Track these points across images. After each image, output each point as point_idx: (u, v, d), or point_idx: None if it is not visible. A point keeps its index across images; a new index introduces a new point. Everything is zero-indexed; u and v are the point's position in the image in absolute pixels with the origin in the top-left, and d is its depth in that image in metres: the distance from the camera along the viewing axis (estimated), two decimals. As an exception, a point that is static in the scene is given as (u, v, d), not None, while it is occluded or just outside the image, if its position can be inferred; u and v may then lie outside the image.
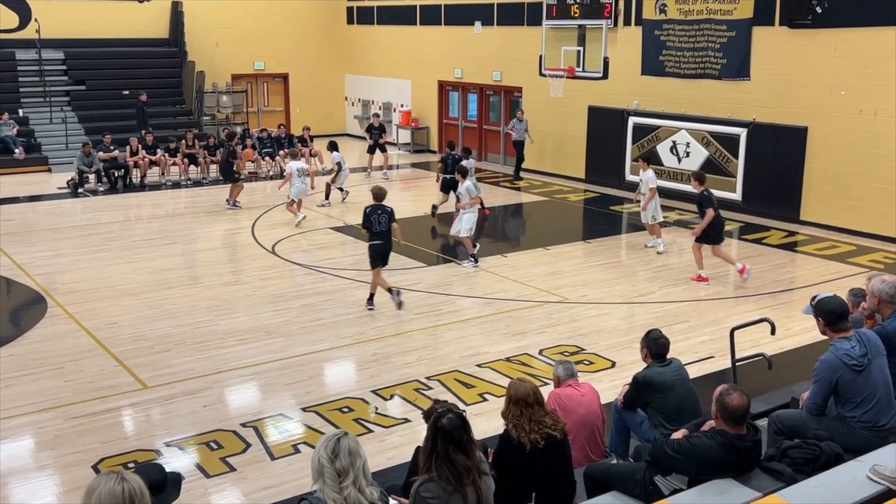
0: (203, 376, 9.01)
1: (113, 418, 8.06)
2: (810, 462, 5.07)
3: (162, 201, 18.79)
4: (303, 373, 9.14)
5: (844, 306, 5.73)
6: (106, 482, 3.12)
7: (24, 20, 23.73)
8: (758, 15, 16.33)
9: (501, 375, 8.95)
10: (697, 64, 17.54)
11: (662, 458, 5.05)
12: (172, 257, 13.98)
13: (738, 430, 4.84)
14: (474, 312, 11.12)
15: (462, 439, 4.38)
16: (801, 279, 12.78)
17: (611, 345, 9.92)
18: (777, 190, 16.39)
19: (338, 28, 28.25)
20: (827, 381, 5.54)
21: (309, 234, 15.34)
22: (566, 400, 6.07)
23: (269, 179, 21.03)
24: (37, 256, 13.65)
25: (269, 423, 7.95)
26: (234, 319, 10.84)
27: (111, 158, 19.65)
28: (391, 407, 8.32)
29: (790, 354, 9.46)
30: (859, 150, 15.02)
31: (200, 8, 25.58)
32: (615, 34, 18.83)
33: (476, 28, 23.06)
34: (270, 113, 27.57)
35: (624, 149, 19.09)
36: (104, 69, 24.23)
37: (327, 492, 3.74)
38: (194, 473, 7.01)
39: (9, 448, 7.51)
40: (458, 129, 24.45)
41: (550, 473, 5.14)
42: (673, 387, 6.14)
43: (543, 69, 19.22)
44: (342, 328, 10.49)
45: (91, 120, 22.87)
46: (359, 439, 3.91)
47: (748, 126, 16.72)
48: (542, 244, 14.81)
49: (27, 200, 18.52)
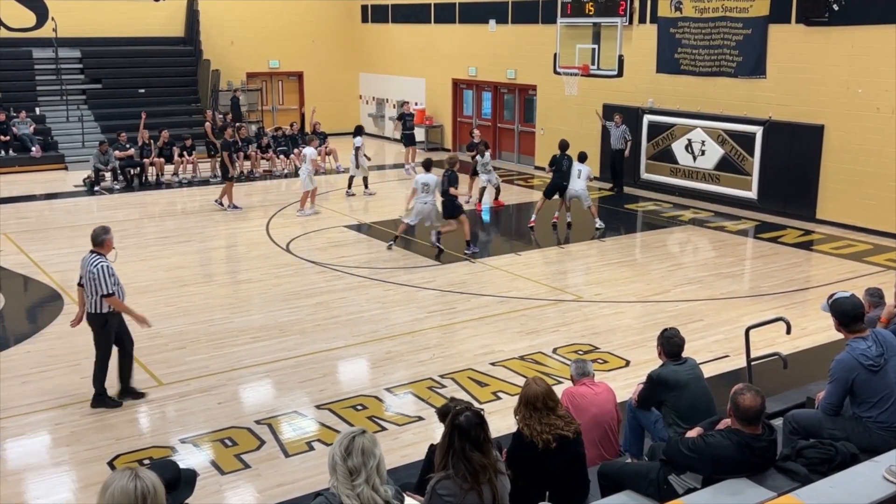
0: (218, 374, 9.05)
1: (128, 415, 8.10)
2: (826, 462, 5.04)
3: (177, 199, 18.87)
4: (317, 370, 9.16)
5: (859, 307, 5.69)
6: (120, 479, 3.11)
7: (41, 19, 23.90)
8: (774, 12, 16.23)
9: (515, 374, 8.95)
10: (713, 62, 17.46)
11: (677, 457, 5.03)
12: (187, 255, 14.04)
13: (754, 430, 4.82)
14: (488, 311, 11.12)
15: (479, 438, 4.38)
16: (816, 278, 12.71)
17: (625, 343, 9.89)
18: (793, 188, 16.30)
19: (352, 26, 28.29)
20: (843, 381, 5.51)
21: (323, 232, 15.37)
22: (579, 399, 6.06)
23: (283, 178, 21.08)
24: (53, 254, 13.74)
25: (284, 421, 7.97)
26: (249, 317, 10.88)
27: (127, 156, 19.76)
28: (405, 405, 8.33)
29: (805, 354, 9.41)
30: (876, 149, 14.91)
31: (216, 7, 25.68)
32: (630, 32, 18.77)
33: (490, 26, 23.04)
34: (285, 111, 27.65)
35: (639, 147, 19.02)
36: (120, 68, 24.39)
37: (340, 489, 3.75)
38: (209, 470, 7.04)
39: (25, 444, 7.57)
40: (471, 128, 24.40)
41: (564, 472, 5.13)
42: (687, 385, 6.12)
43: (558, 67, 19.16)
44: (356, 326, 10.51)
45: (107, 118, 23.00)
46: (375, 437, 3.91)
47: (764, 124, 16.63)
48: (555, 242, 14.79)
49: (44, 198, 18.65)
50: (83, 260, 8.15)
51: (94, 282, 7.94)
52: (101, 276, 7.93)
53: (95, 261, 8.01)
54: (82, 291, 8.19)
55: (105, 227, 8.24)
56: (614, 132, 18.60)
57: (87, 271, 8.01)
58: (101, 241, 8.11)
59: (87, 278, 8.01)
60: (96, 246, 8.12)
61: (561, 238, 15.11)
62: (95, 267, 7.94)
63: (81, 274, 8.17)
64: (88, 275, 7.98)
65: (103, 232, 8.16)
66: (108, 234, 8.21)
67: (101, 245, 8.11)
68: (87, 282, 8.01)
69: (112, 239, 8.25)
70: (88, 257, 8.09)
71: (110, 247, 8.21)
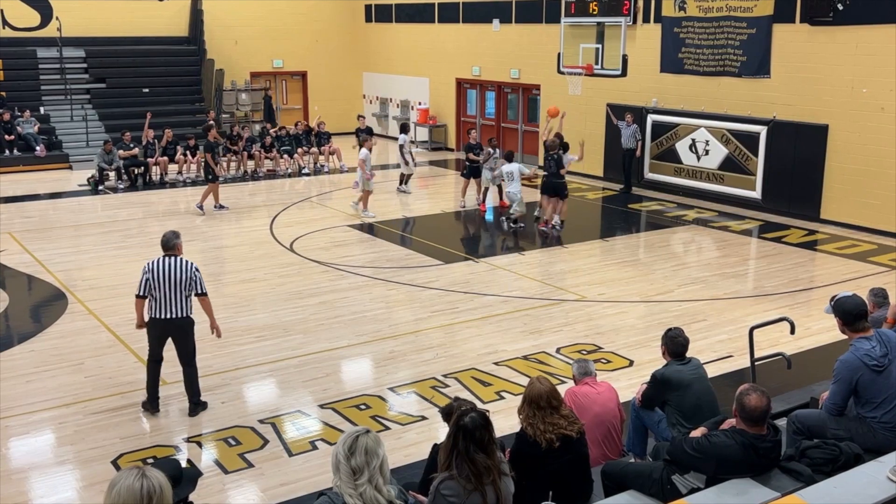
0: (221, 373, 9.06)
1: (132, 414, 8.11)
2: (830, 462, 5.03)
3: (181, 198, 18.89)
4: (320, 370, 9.17)
5: (862, 306, 5.68)
6: (126, 478, 3.09)
7: (45, 18, 23.95)
8: (778, 12, 16.21)
9: (518, 374, 8.95)
10: (717, 61, 17.44)
11: (681, 456, 5.03)
12: (191, 254, 13.87)
13: (758, 430, 4.81)
14: (491, 310, 11.12)
15: (483, 439, 4.38)
16: (820, 278, 12.69)
17: (628, 343, 9.88)
18: (797, 188, 16.28)
19: (356, 26, 28.29)
20: (847, 381, 5.49)
21: (327, 231, 15.38)
22: (581, 398, 6.06)
23: (287, 177, 21.09)
24: (57, 253, 13.76)
25: (287, 420, 7.98)
26: (252, 316, 10.89)
27: (131, 156, 19.78)
28: (407, 404, 8.33)
29: (810, 354, 9.40)
30: (881, 148, 14.88)
31: (219, 6, 25.72)
32: (634, 31, 18.75)
33: (494, 26, 23.03)
34: (288, 111, 27.66)
35: (643, 147, 18.98)
36: (124, 67, 24.41)
37: (343, 488, 3.76)
38: (212, 469, 7.05)
39: (29, 443, 7.58)
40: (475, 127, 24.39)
41: (567, 472, 5.13)
42: (691, 385, 6.12)
43: (562, 67, 19.17)
44: (359, 325, 10.51)
45: (111, 118, 23.02)
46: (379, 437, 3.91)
47: (768, 124, 16.61)
48: (559, 242, 14.78)
49: (48, 197, 18.68)
50: (156, 265, 7.83)
51: (195, 283, 7.88)
52: (198, 276, 7.94)
53: (183, 263, 7.88)
54: (142, 303, 7.90)
55: (175, 232, 8.14)
56: (625, 131, 18.51)
57: (176, 274, 7.79)
58: (172, 244, 7.98)
59: (176, 281, 7.78)
60: (168, 250, 7.94)
61: (563, 238, 15.09)
62: (191, 269, 7.88)
63: (149, 280, 7.79)
64: (182, 277, 7.80)
65: (174, 237, 8.04)
66: (179, 238, 8.12)
67: (174, 249, 7.98)
68: (177, 285, 7.79)
69: (182, 244, 8.15)
70: (167, 261, 7.86)
71: (181, 251, 8.08)
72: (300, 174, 21.26)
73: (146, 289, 7.84)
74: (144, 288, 7.84)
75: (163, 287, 7.80)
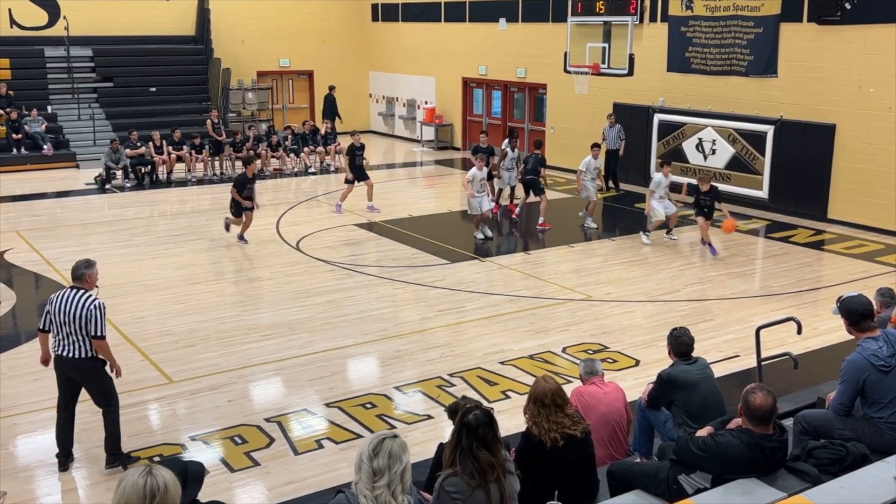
0: (228, 371, 9.08)
1: (139, 412, 8.13)
2: (836, 463, 5.02)
3: (187, 197, 18.92)
4: (326, 368, 9.18)
5: (868, 306, 5.66)
6: (132, 475, 3.11)
7: (52, 18, 24.00)
8: (785, 11, 16.17)
9: (524, 373, 8.94)
10: (724, 60, 17.40)
11: (687, 456, 5.02)
12: (198, 253, 14.07)
13: (764, 430, 4.79)
14: (497, 309, 11.11)
15: (487, 436, 4.39)
16: (828, 278, 12.65)
17: (634, 343, 9.87)
18: (804, 188, 16.24)
19: (362, 25, 28.31)
20: (853, 381, 5.48)
21: (333, 230, 15.39)
22: (588, 398, 6.05)
23: (293, 176, 21.11)
24: (64, 251, 13.78)
25: (293, 419, 7.99)
26: (259, 315, 10.90)
27: (138, 155, 19.82)
28: (413, 403, 8.34)
29: (816, 354, 9.38)
30: (889, 148, 14.82)
31: (226, 5, 25.74)
32: (641, 31, 18.73)
33: (500, 25, 23.02)
34: (295, 110, 27.69)
35: (649, 146, 18.98)
36: (131, 66, 24.46)
37: (360, 487, 3.77)
38: (219, 468, 7.06)
39: (36, 441, 7.61)
40: (482, 127, 24.40)
41: (572, 472, 5.12)
42: (697, 385, 6.11)
43: (568, 66, 19.16)
44: (365, 324, 10.52)
45: (118, 117, 23.09)
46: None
47: (775, 123, 16.56)
48: (565, 241, 14.77)
49: (55, 196, 18.73)
50: (57, 298, 6.84)
51: (91, 323, 6.73)
52: (95, 315, 6.75)
53: (83, 299, 6.76)
54: (46, 338, 7.04)
55: (89, 261, 7.00)
56: (609, 132, 18.62)
57: (72, 310, 6.73)
58: (79, 275, 6.87)
59: (72, 317, 6.73)
60: (75, 280, 6.87)
61: (568, 237, 15.08)
62: (89, 305, 6.73)
63: (49, 312, 6.86)
64: (79, 314, 6.73)
65: (85, 266, 6.90)
66: (92, 268, 6.94)
67: (81, 280, 6.87)
68: (72, 322, 6.73)
69: (96, 274, 6.99)
70: (68, 293, 6.82)
71: (93, 283, 6.94)
72: (306, 173, 21.28)
73: (46, 323, 6.91)
74: (45, 322, 6.93)
75: (58, 322, 6.81)
